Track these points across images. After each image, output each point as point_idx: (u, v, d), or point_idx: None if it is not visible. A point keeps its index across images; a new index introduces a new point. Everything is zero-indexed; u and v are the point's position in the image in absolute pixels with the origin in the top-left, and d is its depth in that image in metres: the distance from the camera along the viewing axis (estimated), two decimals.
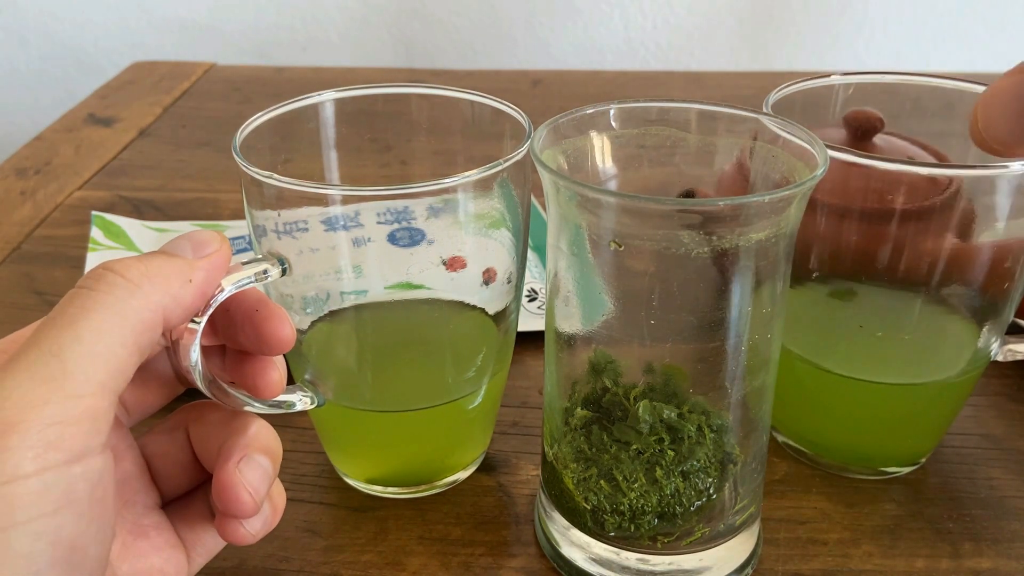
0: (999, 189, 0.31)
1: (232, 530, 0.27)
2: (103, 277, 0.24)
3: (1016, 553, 0.35)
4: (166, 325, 0.25)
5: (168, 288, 0.25)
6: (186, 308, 0.25)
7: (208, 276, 0.26)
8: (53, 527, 0.21)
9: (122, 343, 0.23)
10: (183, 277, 0.25)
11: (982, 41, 1.05)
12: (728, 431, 0.31)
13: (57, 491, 0.21)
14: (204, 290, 0.26)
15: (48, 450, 0.21)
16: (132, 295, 0.24)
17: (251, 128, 0.33)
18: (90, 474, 0.22)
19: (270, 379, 0.29)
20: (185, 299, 0.25)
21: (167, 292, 0.25)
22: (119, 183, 0.68)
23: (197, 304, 0.26)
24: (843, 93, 0.39)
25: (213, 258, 0.26)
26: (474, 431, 0.38)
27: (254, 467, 0.27)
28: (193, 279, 0.25)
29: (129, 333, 0.23)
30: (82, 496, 0.22)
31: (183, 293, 0.25)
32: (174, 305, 0.25)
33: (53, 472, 0.21)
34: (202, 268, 0.26)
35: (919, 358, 0.36)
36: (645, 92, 0.84)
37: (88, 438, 0.22)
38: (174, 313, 0.25)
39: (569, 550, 0.33)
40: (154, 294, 0.24)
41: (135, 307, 0.24)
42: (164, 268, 0.25)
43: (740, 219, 0.26)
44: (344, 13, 1.06)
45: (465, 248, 0.32)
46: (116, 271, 0.24)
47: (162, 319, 0.25)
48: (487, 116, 0.36)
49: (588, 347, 0.31)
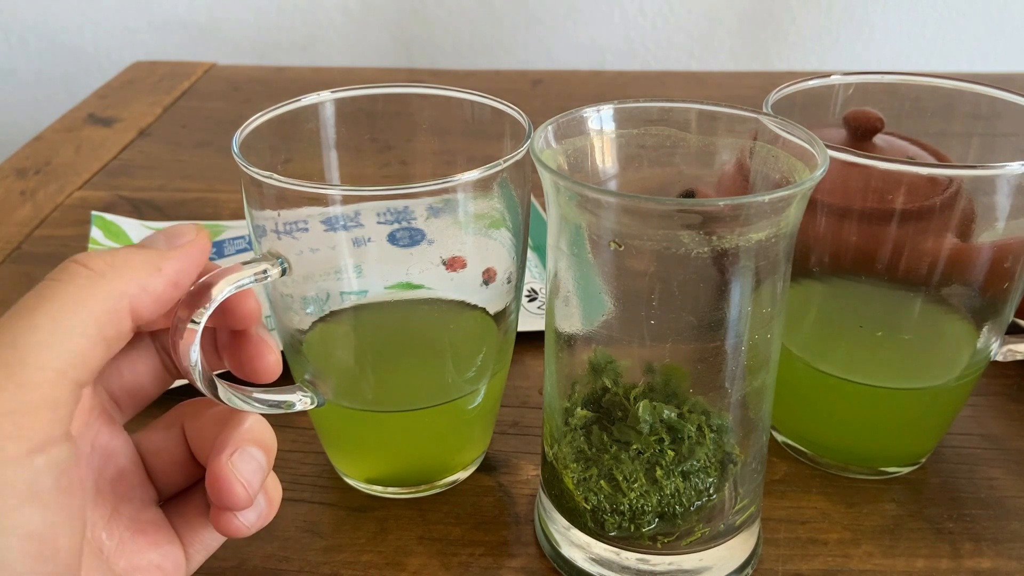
0: (999, 189, 0.31)
1: (226, 522, 0.27)
2: (67, 268, 0.24)
3: (1016, 553, 0.35)
4: (136, 315, 0.24)
5: (135, 277, 0.24)
6: (157, 298, 0.25)
7: (181, 265, 0.26)
8: (20, 521, 0.21)
9: (82, 332, 0.23)
10: (151, 266, 0.25)
11: (982, 41, 1.05)
12: (728, 431, 0.31)
13: (20, 484, 0.21)
14: (177, 279, 0.26)
15: (6, 442, 0.21)
16: (94, 284, 0.23)
17: (251, 128, 0.33)
18: (54, 464, 0.22)
19: (267, 362, 0.29)
20: (155, 288, 0.25)
21: (133, 281, 0.24)
22: (119, 183, 0.68)
23: (169, 293, 0.26)
24: (843, 93, 0.39)
25: (187, 248, 0.26)
26: (474, 431, 0.38)
27: (247, 459, 0.27)
28: (163, 268, 0.25)
29: (91, 322, 0.23)
30: (47, 487, 0.22)
31: (152, 282, 0.25)
32: (142, 294, 0.24)
33: (13, 465, 0.21)
34: (174, 258, 0.26)
35: (919, 358, 0.36)
36: (645, 92, 0.84)
37: (49, 427, 0.22)
38: (143, 303, 0.25)
39: (569, 550, 0.33)
40: (119, 283, 0.24)
41: (96, 296, 0.23)
42: (131, 258, 0.25)
43: (740, 219, 0.26)
44: (344, 13, 1.06)
45: (465, 248, 0.32)
46: (80, 262, 0.24)
47: (128, 308, 0.24)
48: (487, 116, 0.36)
49: (588, 347, 0.31)
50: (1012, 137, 0.36)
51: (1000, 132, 0.36)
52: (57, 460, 0.22)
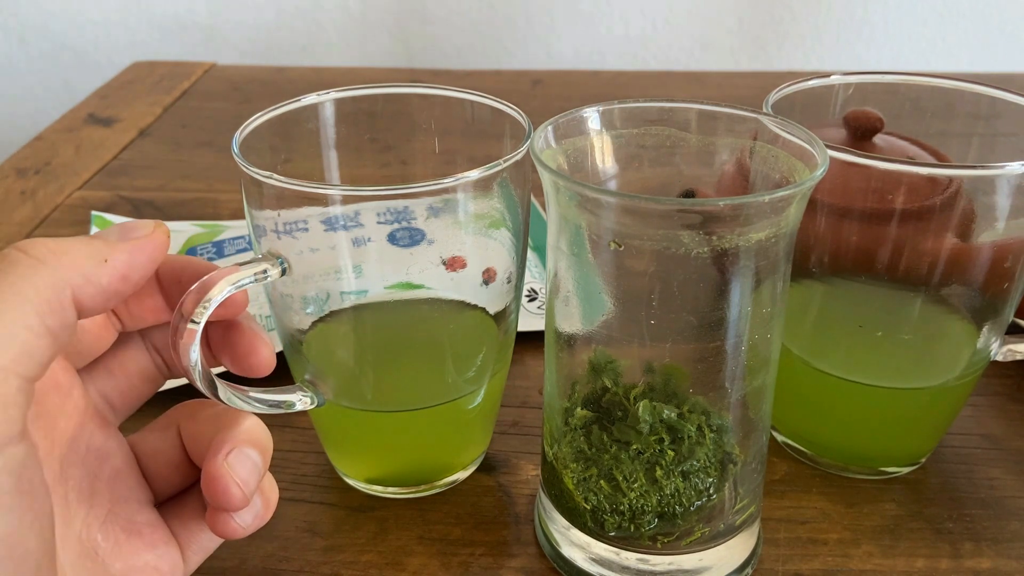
0: (999, 189, 0.31)
1: (223, 523, 0.27)
2: (7, 255, 0.23)
3: (1016, 553, 0.35)
4: (79, 306, 0.24)
5: (76, 266, 0.24)
6: (102, 289, 0.24)
7: (131, 259, 0.25)
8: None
9: (25, 324, 0.22)
10: (97, 257, 0.24)
11: (982, 41, 1.05)
12: (728, 431, 0.31)
13: None
14: (125, 272, 0.25)
15: None
16: (34, 272, 0.23)
17: (251, 128, 0.33)
18: (11, 465, 0.21)
19: (261, 356, 0.29)
20: (100, 280, 0.24)
21: (75, 270, 0.23)
22: (119, 183, 0.68)
23: (116, 286, 0.25)
24: (843, 93, 0.39)
25: (140, 242, 0.25)
26: (474, 431, 0.38)
27: (243, 460, 0.27)
28: (109, 259, 0.24)
29: (32, 313, 0.22)
30: (7, 489, 0.21)
31: (96, 273, 0.24)
32: (85, 284, 0.24)
33: None
34: (123, 250, 0.25)
35: (919, 358, 0.36)
36: (645, 92, 0.84)
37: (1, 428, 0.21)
38: (86, 293, 0.24)
39: (569, 550, 0.33)
40: (60, 271, 0.23)
41: (36, 285, 0.22)
42: (75, 247, 0.24)
43: (740, 219, 0.26)
44: (344, 13, 1.06)
45: (465, 248, 0.32)
46: (21, 248, 0.23)
47: (71, 299, 0.23)
48: (487, 116, 0.36)
49: (588, 347, 0.31)
50: (1012, 137, 0.36)
51: (1000, 132, 0.36)
52: (13, 460, 0.21)
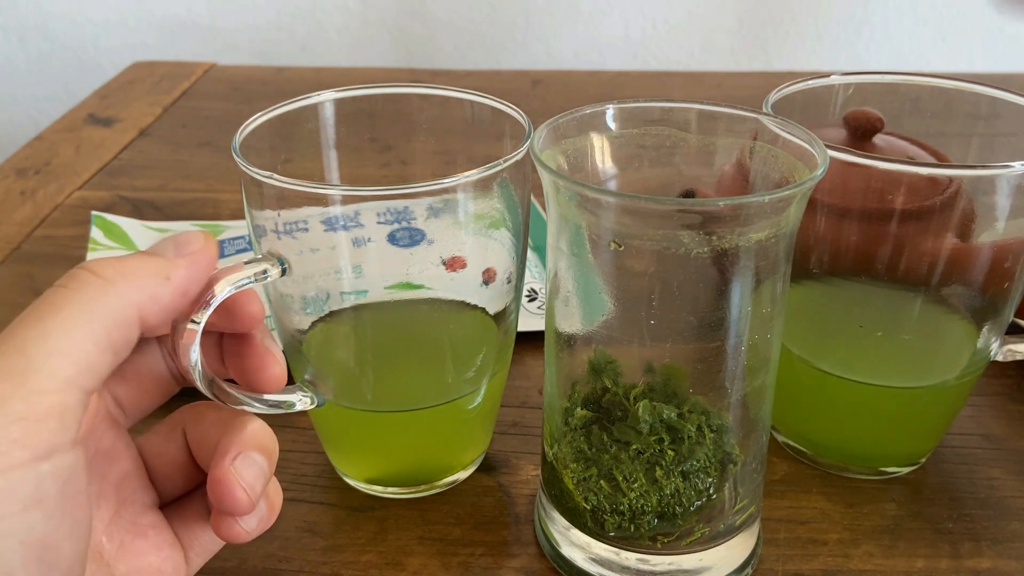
0: (999, 189, 0.31)
1: (228, 527, 0.27)
2: (77, 275, 0.24)
3: (1016, 553, 0.35)
4: (144, 324, 0.24)
5: (144, 286, 0.24)
6: (165, 307, 0.25)
7: (189, 274, 0.26)
8: (23, 526, 0.21)
9: (92, 340, 0.23)
10: (160, 275, 0.25)
11: (982, 41, 1.06)
12: (728, 431, 0.31)
13: (24, 490, 0.21)
14: (185, 288, 0.26)
15: (12, 448, 0.21)
16: (105, 292, 0.23)
17: (251, 128, 0.33)
18: (60, 471, 0.22)
19: (271, 374, 0.29)
20: (163, 297, 0.25)
21: (143, 290, 0.24)
22: (119, 183, 0.68)
23: (177, 302, 0.26)
24: (843, 93, 0.39)
25: (195, 256, 0.26)
26: (474, 431, 0.38)
27: (249, 464, 0.27)
28: (171, 277, 0.25)
29: (100, 330, 0.23)
30: (52, 494, 0.22)
31: (161, 291, 0.25)
32: (151, 303, 0.24)
33: (19, 470, 0.21)
34: (182, 266, 0.26)
35: (919, 358, 0.36)
36: (645, 92, 0.84)
37: (55, 435, 0.22)
38: (151, 311, 0.25)
39: (569, 550, 0.33)
40: (129, 292, 0.24)
41: (107, 304, 0.23)
42: (140, 266, 0.25)
43: (740, 219, 0.26)
44: (344, 13, 1.06)
45: (465, 248, 0.32)
46: (90, 269, 0.24)
47: (138, 317, 0.24)
48: (487, 116, 0.36)
49: (588, 347, 0.31)
50: (1012, 137, 0.36)
51: (1000, 132, 0.36)
52: (63, 467, 0.22)
